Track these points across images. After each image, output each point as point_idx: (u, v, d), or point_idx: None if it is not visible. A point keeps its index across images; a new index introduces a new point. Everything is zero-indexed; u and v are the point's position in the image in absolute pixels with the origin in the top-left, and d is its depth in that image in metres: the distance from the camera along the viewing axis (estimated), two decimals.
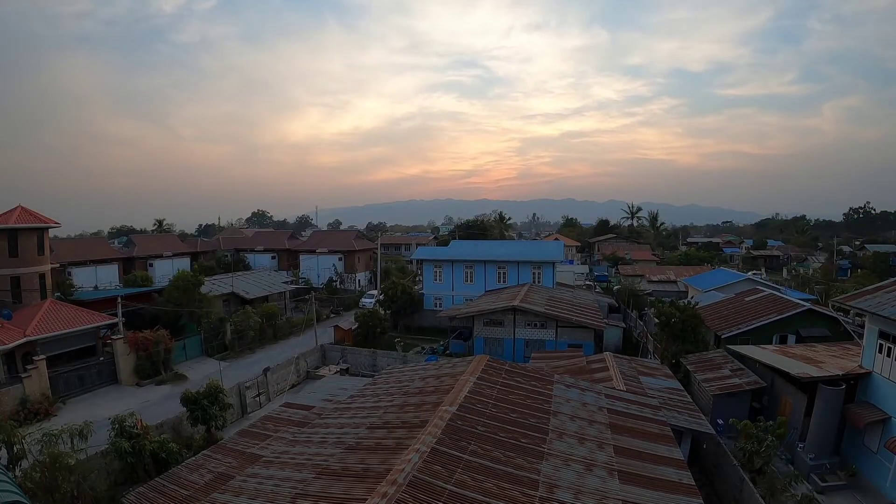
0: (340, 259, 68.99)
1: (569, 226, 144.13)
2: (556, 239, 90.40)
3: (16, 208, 34.70)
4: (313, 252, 70.07)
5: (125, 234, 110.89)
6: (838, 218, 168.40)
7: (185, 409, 21.79)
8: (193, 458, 16.11)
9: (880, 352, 19.18)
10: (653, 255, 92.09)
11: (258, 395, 28.49)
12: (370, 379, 23.68)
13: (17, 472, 16.20)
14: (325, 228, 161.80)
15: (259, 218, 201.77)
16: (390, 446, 12.58)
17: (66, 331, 30.71)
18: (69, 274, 51.23)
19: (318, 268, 68.25)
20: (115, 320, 33.73)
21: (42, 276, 35.11)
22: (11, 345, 27.45)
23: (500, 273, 49.25)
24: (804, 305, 29.89)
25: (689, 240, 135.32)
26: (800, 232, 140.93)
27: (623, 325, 40.52)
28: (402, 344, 40.36)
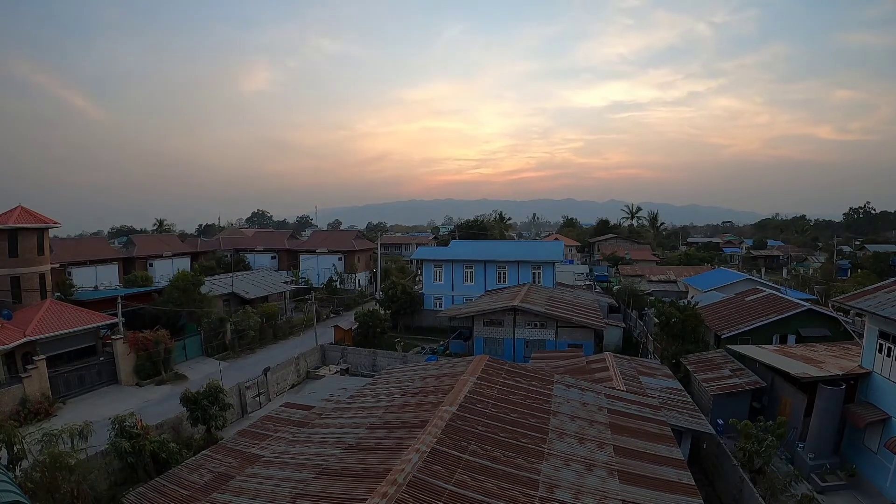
0: (340, 259, 68.99)
1: (569, 226, 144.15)
2: (556, 239, 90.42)
3: (16, 208, 34.70)
4: (313, 252, 70.08)
5: (125, 234, 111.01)
6: (838, 218, 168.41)
7: (185, 409, 21.81)
8: (193, 458, 16.11)
9: (880, 352, 19.18)
10: (653, 255, 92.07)
11: (258, 395, 28.49)
12: (370, 379, 23.68)
13: (17, 472, 16.20)
14: (325, 228, 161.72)
15: (259, 218, 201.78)
16: (390, 446, 12.58)
17: (66, 331, 30.71)
18: (69, 274, 51.25)
19: (318, 268, 68.24)
20: (115, 320, 33.75)
21: (42, 276, 35.10)
22: (11, 345, 27.45)
23: (500, 273, 49.24)
24: (804, 305, 29.87)
25: (689, 240, 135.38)
26: (800, 232, 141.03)
27: (623, 325, 40.51)
28: (402, 344, 40.36)
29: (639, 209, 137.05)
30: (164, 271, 61.05)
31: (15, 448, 16.92)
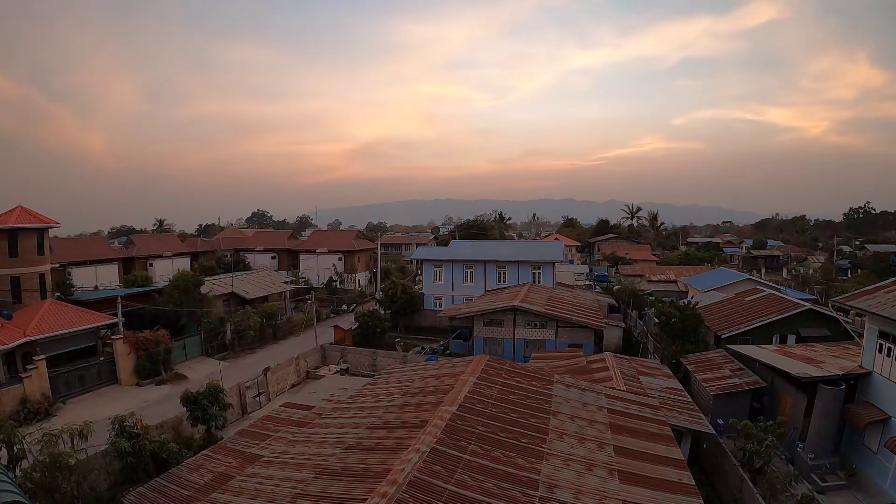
0: (340, 259, 69.00)
1: (569, 226, 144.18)
2: (556, 239, 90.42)
3: (16, 208, 34.70)
4: (313, 252, 70.10)
5: (125, 233, 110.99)
6: (838, 218, 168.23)
7: (185, 409, 21.78)
8: (193, 458, 16.12)
9: (880, 352, 19.18)
10: (653, 255, 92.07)
11: (258, 395, 28.48)
12: (370, 379, 23.71)
13: (17, 472, 16.18)
14: (325, 228, 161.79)
15: (259, 218, 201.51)
16: (390, 446, 12.59)
17: (66, 331, 30.68)
18: (69, 274, 51.17)
19: (318, 268, 68.26)
20: (115, 320, 33.73)
21: (42, 276, 35.08)
22: (11, 345, 27.43)
23: (500, 273, 49.24)
24: (804, 305, 29.87)
25: (689, 240, 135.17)
26: (800, 232, 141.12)
27: (623, 325, 40.50)
28: (402, 344, 40.34)
29: (639, 209, 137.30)
30: (164, 271, 61.01)
31: (15, 448, 16.87)
